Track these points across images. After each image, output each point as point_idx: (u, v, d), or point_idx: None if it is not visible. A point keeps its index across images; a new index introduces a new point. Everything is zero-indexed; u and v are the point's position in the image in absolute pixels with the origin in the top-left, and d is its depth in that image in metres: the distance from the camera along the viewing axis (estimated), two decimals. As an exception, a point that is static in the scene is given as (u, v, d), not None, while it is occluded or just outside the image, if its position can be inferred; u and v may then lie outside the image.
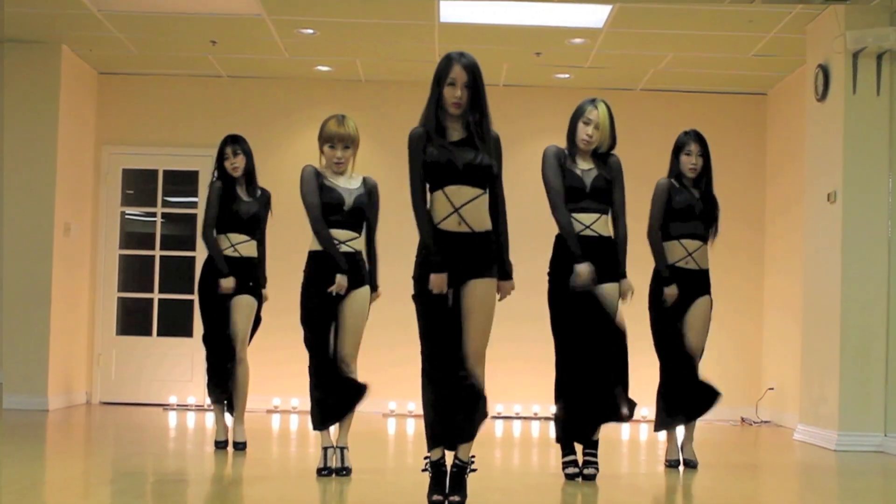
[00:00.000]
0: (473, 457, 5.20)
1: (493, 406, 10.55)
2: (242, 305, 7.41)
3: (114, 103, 11.23)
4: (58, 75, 10.25)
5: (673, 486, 6.45)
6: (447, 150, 5.06)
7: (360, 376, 6.33)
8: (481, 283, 5.07)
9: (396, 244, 10.37)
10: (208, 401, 10.82)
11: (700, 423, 7.43)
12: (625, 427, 9.97)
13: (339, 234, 6.24)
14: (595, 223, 6.26)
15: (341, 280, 6.16)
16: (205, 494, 6.04)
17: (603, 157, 6.38)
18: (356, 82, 11.27)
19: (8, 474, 6.11)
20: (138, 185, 11.51)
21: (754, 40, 9.46)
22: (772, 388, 10.67)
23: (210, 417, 9.88)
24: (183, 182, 11.40)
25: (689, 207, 6.89)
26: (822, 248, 8.77)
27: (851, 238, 8.42)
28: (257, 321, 7.64)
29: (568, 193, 6.27)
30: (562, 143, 6.50)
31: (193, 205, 11.28)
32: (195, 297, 10.98)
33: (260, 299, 7.56)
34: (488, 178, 5.12)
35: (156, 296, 11.21)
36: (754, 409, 10.79)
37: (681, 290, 6.88)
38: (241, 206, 7.43)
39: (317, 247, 6.25)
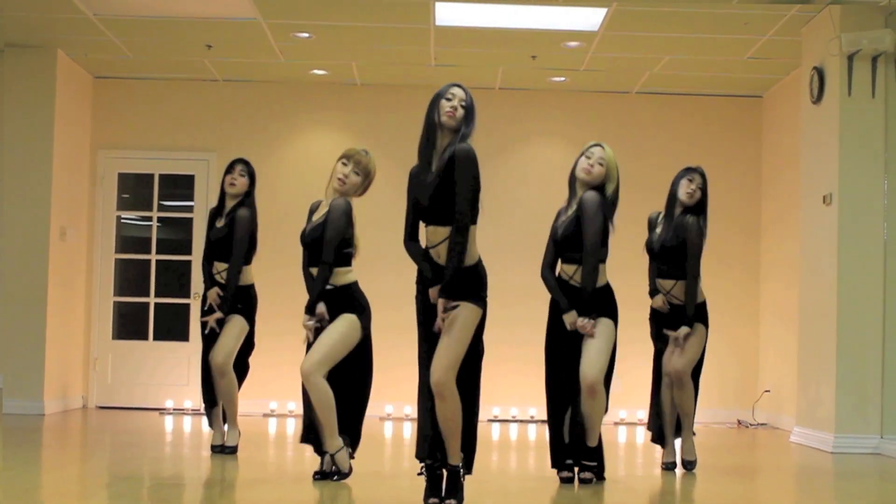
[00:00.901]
0: (469, 458, 5.26)
1: (490, 409, 10.55)
2: (232, 325, 7.37)
3: (109, 107, 11.23)
4: (53, 80, 10.25)
5: (670, 489, 6.45)
6: (417, 195, 5.25)
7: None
8: (462, 305, 5.15)
9: (393, 250, 10.38)
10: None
11: (696, 425, 7.43)
12: (622, 429, 9.97)
13: (313, 270, 6.29)
14: (576, 273, 6.32)
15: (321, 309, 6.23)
16: (201, 498, 6.03)
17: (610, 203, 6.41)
18: (352, 86, 11.28)
19: (4, 479, 6.11)
20: (134, 190, 11.50)
21: (749, 43, 9.47)
22: (768, 391, 10.67)
23: (206, 421, 9.87)
24: (179, 186, 11.39)
25: (657, 247, 6.97)
26: (818, 251, 8.78)
27: (847, 240, 8.43)
28: (251, 346, 7.59)
29: (556, 243, 6.42)
30: (557, 143, 6.54)
31: (189, 209, 11.27)
32: (190, 302, 11.07)
33: (252, 324, 7.51)
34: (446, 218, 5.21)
35: (152, 300, 11.21)
36: (751, 411, 10.79)
37: (672, 325, 6.95)
38: (212, 232, 7.47)
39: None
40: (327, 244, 6.19)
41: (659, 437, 7.13)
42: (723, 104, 11.32)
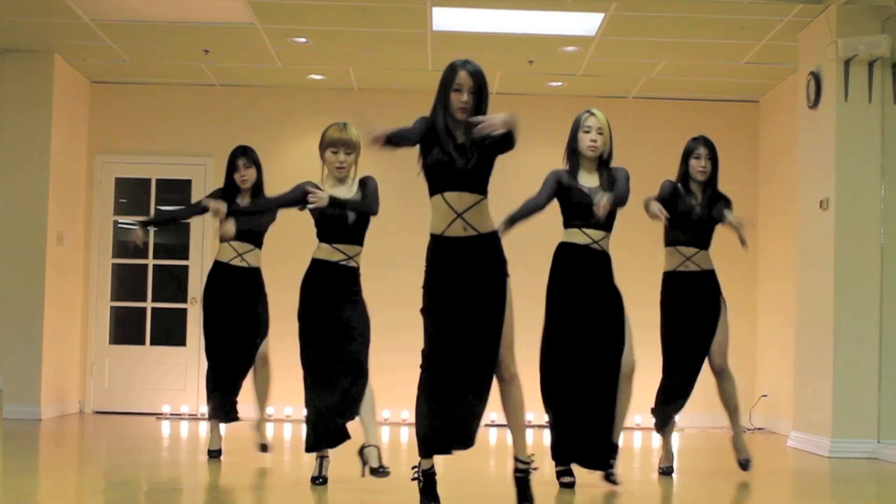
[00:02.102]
0: (532, 455, 5.23)
1: (487, 415, 10.53)
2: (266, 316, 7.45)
3: (106, 112, 11.22)
4: (50, 84, 10.25)
5: (666, 494, 6.45)
6: (449, 154, 5.08)
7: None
8: (502, 285, 5.07)
9: (392, 253, 10.37)
10: (202, 409, 10.81)
11: (693, 430, 7.44)
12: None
13: (345, 248, 6.18)
14: (602, 239, 6.29)
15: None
16: (198, 503, 6.03)
17: (608, 169, 6.38)
18: (349, 91, 11.28)
19: (1, 484, 6.10)
20: (131, 194, 11.50)
21: (746, 48, 9.48)
22: (765, 395, 10.67)
23: (204, 426, 9.87)
24: (176, 191, 11.38)
25: (687, 214, 6.91)
26: (814, 256, 8.79)
27: (844, 245, 8.43)
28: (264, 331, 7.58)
29: (577, 211, 6.29)
30: (555, 148, 6.53)
31: (186, 213, 11.25)
32: (188, 307, 11.07)
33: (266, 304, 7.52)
34: (484, 184, 5.13)
35: (149, 305, 11.20)
36: (748, 416, 10.78)
37: (687, 293, 6.93)
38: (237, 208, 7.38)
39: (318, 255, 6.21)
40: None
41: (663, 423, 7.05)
42: (719, 109, 11.33)
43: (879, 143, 8.47)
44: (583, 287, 6.25)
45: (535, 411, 6.95)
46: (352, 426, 6.15)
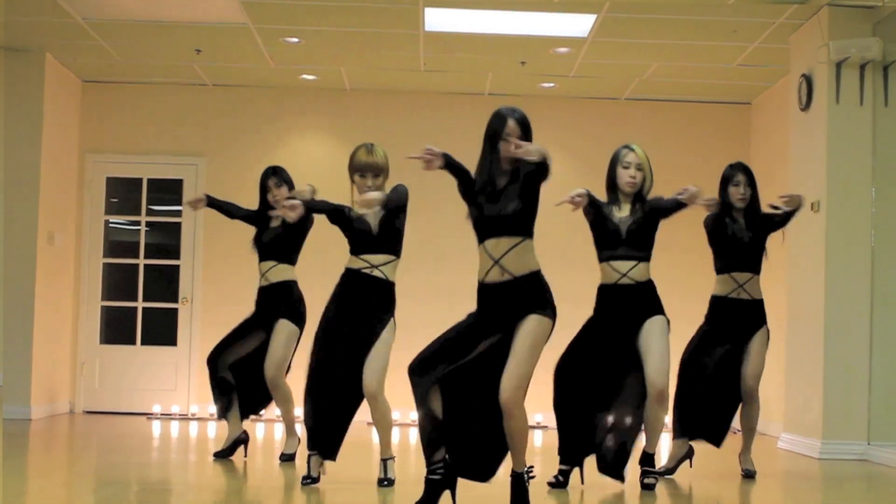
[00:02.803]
0: (532, 467, 5.22)
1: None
2: (279, 331, 7.27)
3: (98, 111, 11.20)
4: (41, 83, 10.22)
5: (658, 495, 6.45)
6: (480, 205, 5.13)
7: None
8: (529, 318, 5.07)
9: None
10: (193, 409, 10.79)
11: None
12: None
13: (371, 258, 6.18)
14: (632, 270, 6.30)
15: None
16: (187, 502, 6.01)
17: (642, 200, 6.43)
18: (341, 91, 11.27)
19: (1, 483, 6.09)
20: (122, 194, 11.48)
21: (738, 50, 9.50)
22: (756, 397, 10.66)
23: (194, 426, 9.85)
24: (167, 190, 11.37)
25: (734, 240, 6.99)
26: (805, 258, 8.80)
27: (835, 247, 8.45)
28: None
29: (605, 240, 6.37)
30: (547, 149, 6.45)
31: (178, 213, 11.25)
32: (178, 307, 11.04)
33: (302, 325, 7.37)
34: (523, 225, 5.14)
35: (140, 304, 11.18)
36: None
37: (734, 325, 7.03)
38: (263, 234, 7.39)
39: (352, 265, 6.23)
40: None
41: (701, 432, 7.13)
42: (712, 111, 11.35)
43: (870, 146, 8.49)
44: (613, 329, 6.32)
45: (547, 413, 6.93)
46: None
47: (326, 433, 6.17)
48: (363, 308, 6.14)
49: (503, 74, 10.52)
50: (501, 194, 5.11)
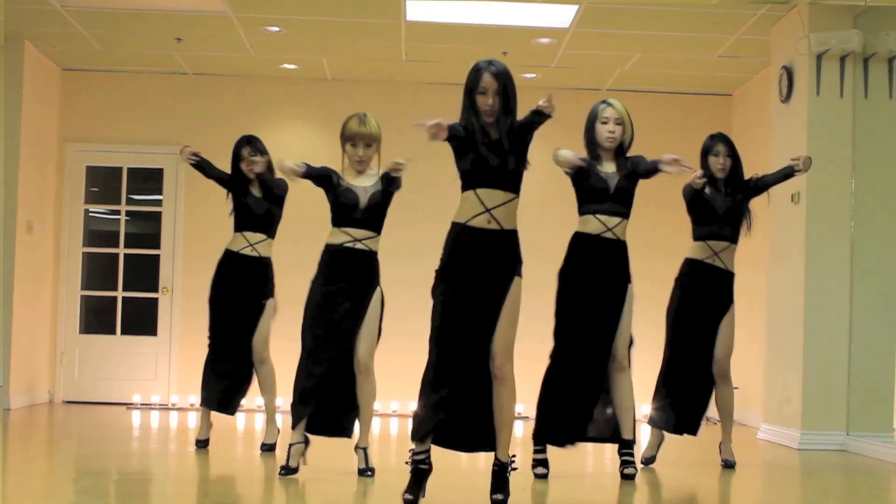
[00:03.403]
0: (514, 456, 5.19)
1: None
2: (265, 315, 7.31)
3: (78, 100, 11.15)
4: (21, 72, 10.16)
5: (636, 485, 6.47)
6: (483, 155, 5.09)
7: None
8: (515, 282, 5.08)
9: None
10: (173, 399, 10.78)
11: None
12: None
13: (355, 232, 6.15)
14: (616, 227, 6.29)
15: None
16: (168, 494, 6.01)
17: (625, 157, 6.41)
18: (322, 80, 11.25)
19: (2, 470, 6.07)
20: (102, 183, 11.43)
21: (720, 42, 9.52)
22: (736, 388, 10.67)
23: (174, 416, 9.83)
24: (147, 180, 11.33)
25: (712, 209, 6.96)
26: (785, 249, 8.84)
27: (815, 239, 8.48)
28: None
29: (592, 195, 6.31)
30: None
31: (158, 202, 11.21)
32: (159, 296, 11.01)
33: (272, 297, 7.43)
34: (517, 182, 5.16)
35: (120, 294, 11.14)
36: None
37: (707, 292, 6.98)
38: (252, 201, 7.31)
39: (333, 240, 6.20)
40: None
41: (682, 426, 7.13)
42: (693, 102, 11.37)
43: (850, 138, 8.52)
44: (593, 281, 6.28)
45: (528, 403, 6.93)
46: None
47: (330, 411, 6.17)
48: (351, 282, 6.13)
49: (485, 65, 10.50)
50: (500, 147, 5.10)
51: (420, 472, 5.07)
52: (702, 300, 6.99)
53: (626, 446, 6.42)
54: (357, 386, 6.18)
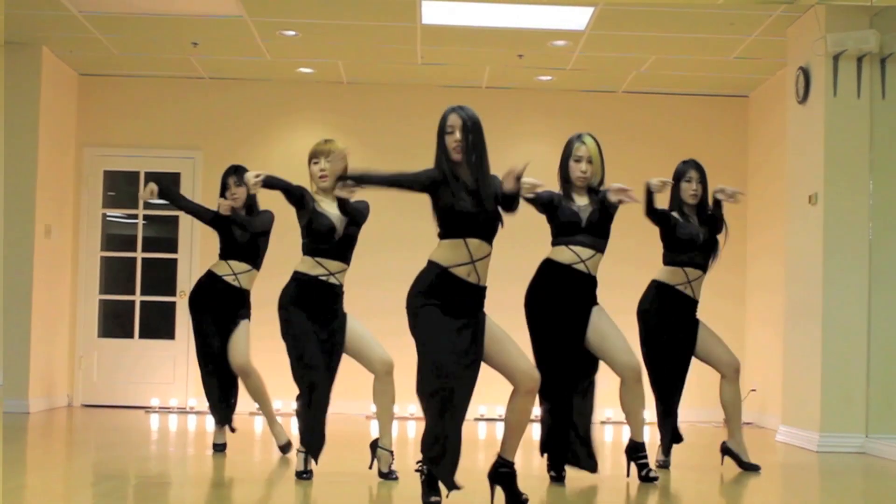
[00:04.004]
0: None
1: (476, 408, 10.56)
2: (241, 331, 7.36)
3: (95, 105, 11.19)
4: (38, 77, 10.21)
5: (657, 488, 6.46)
6: (470, 203, 5.16)
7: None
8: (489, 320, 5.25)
9: (392, 249, 10.36)
10: (191, 402, 10.80)
11: (682, 424, 7.44)
12: (608, 428, 9.98)
13: (328, 264, 6.23)
14: (590, 259, 6.27)
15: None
16: (187, 497, 6.02)
17: (597, 192, 6.38)
18: (338, 84, 11.26)
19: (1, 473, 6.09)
20: (120, 187, 11.48)
21: (736, 43, 9.49)
22: (754, 390, 10.69)
23: (192, 419, 9.85)
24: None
25: (691, 239, 6.94)
26: (803, 250, 8.80)
27: (833, 239, 8.45)
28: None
29: (565, 228, 6.31)
30: (544, 142, 6.50)
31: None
32: (176, 300, 11.03)
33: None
34: (493, 234, 5.25)
35: (137, 298, 11.17)
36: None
37: (672, 314, 6.97)
38: (237, 232, 7.37)
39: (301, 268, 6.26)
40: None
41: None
42: (709, 104, 11.35)
43: (868, 138, 8.49)
44: (559, 310, 6.24)
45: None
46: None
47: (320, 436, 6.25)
48: (328, 312, 6.23)
49: (500, 67, 10.51)
50: (479, 196, 5.17)
51: (433, 477, 5.12)
52: (673, 328, 6.98)
53: (640, 450, 6.47)
54: (377, 391, 6.32)
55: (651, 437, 7.20)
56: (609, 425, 10.27)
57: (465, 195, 5.14)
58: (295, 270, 6.26)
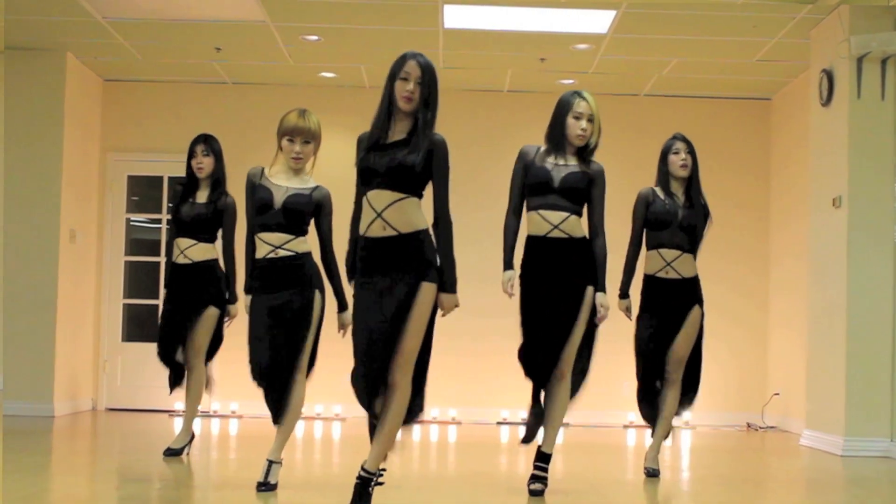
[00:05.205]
0: (384, 470, 4.97)
1: (498, 412, 10.56)
2: (205, 318, 7.25)
3: (119, 110, 11.26)
4: (63, 83, 10.28)
5: (678, 492, 6.44)
6: (370, 154, 4.96)
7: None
8: (424, 285, 4.83)
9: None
10: (214, 406, 10.85)
11: (705, 428, 7.41)
12: (632, 432, 9.96)
13: (271, 237, 5.88)
14: (564, 223, 5.84)
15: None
16: (210, 500, 6.04)
17: (587, 160, 5.96)
18: (360, 88, 11.28)
19: (13, 481, 6.11)
20: (143, 192, 11.53)
21: (758, 45, 9.46)
22: (777, 394, 10.65)
23: (215, 423, 9.89)
24: (188, 189, 11.39)
25: (667, 216, 6.69)
26: (827, 253, 8.77)
27: (857, 242, 8.41)
28: (218, 339, 7.42)
29: (534, 187, 5.89)
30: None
31: (198, 211, 11.27)
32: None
33: (223, 311, 7.32)
34: (410, 179, 4.90)
35: (161, 302, 11.20)
36: (760, 414, 10.77)
37: (664, 300, 6.71)
38: (185, 207, 7.22)
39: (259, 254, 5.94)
40: (326, 238, 6.06)
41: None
42: (731, 107, 11.32)
43: (892, 141, 8.45)
44: (546, 286, 5.84)
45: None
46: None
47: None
48: (288, 291, 5.88)
49: (522, 71, 10.51)
50: (401, 144, 4.94)
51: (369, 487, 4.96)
52: (661, 317, 6.72)
53: (543, 460, 5.98)
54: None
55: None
56: (632, 429, 10.25)
57: (373, 151, 4.94)
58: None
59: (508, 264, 5.92)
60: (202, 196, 7.27)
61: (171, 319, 7.37)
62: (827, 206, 8.76)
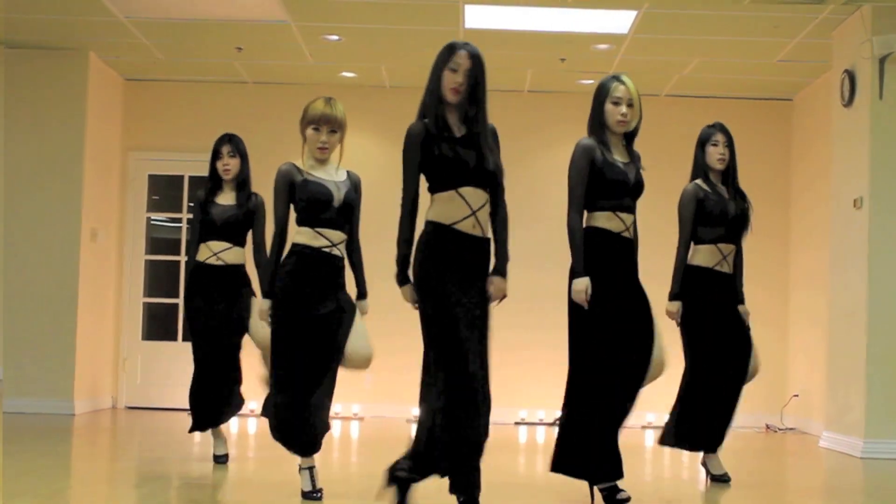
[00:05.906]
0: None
1: (516, 412, 10.55)
2: (253, 312, 7.11)
3: (140, 110, 11.31)
4: (85, 82, 10.33)
5: (697, 494, 6.42)
6: (456, 148, 4.79)
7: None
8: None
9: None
10: (252, 405, 10.87)
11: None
12: (650, 433, 9.94)
13: (331, 234, 5.67)
14: (633, 225, 5.65)
15: (263, 307, 5.68)
16: (230, 500, 6.05)
17: (635, 154, 5.79)
18: (381, 88, 11.30)
19: (34, 478, 6.15)
20: (164, 191, 11.57)
21: (780, 46, 9.43)
22: (797, 395, 10.61)
23: (234, 422, 9.92)
24: (208, 188, 11.43)
25: (723, 209, 6.59)
26: (848, 254, 8.73)
27: (878, 244, 8.38)
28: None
29: (610, 189, 5.58)
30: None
31: (219, 210, 11.31)
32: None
33: (248, 312, 7.14)
34: (492, 184, 4.87)
35: (181, 301, 11.25)
36: (779, 416, 10.74)
37: (718, 296, 6.61)
38: (216, 210, 7.04)
39: (300, 240, 5.65)
40: (356, 227, 5.87)
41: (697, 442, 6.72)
42: (753, 107, 11.28)
43: (914, 142, 8.41)
44: (615, 282, 5.53)
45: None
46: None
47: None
48: (326, 289, 5.63)
49: (543, 71, 10.51)
50: (468, 142, 4.79)
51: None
52: (721, 314, 6.62)
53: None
54: None
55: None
56: (650, 430, 10.22)
57: (456, 145, 4.77)
58: (292, 243, 5.72)
59: (583, 270, 5.54)
60: (229, 198, 7.09)
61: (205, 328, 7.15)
62: (848, 207, 8.72)
